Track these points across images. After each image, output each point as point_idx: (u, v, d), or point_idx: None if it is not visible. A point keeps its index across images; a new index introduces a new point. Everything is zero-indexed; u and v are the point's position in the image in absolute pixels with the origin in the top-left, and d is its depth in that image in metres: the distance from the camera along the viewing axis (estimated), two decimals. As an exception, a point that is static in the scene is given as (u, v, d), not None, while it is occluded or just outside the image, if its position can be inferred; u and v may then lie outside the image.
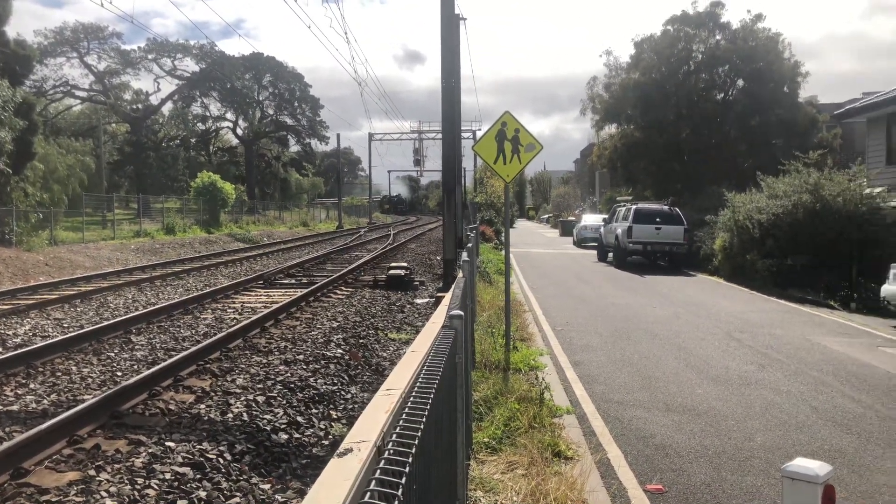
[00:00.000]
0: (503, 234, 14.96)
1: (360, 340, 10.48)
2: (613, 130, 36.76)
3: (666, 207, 24.47)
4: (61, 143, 41.75)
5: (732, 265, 20.51)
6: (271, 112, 72.83)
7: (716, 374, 8.98)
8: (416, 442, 1.86)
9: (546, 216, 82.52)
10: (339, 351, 9.60)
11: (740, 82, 32.08)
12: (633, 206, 24.53)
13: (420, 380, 2.54)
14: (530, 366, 8.87)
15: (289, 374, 8.16)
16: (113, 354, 9.23)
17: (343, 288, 16.43)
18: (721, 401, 7.70)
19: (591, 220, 37.21)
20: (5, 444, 5.42)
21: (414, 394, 2.35)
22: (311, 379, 8.03)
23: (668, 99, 31.57)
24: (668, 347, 10.62)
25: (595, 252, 29.08)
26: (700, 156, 31.63)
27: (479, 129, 58.71)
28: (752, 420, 7.02)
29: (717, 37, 32.21)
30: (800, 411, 7.34)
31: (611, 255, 26.17)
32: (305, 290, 14.66)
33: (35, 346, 9.07)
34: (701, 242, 23.62)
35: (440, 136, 16.98)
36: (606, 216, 29.56)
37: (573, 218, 51.54)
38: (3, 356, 8.45)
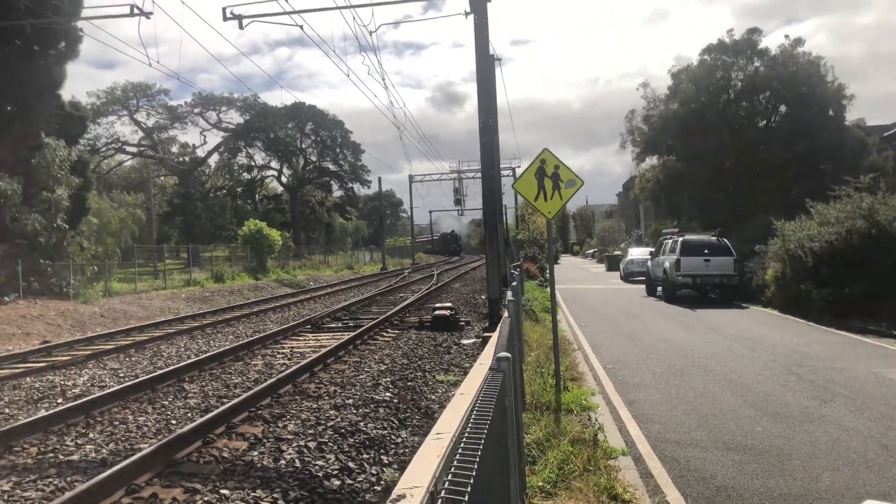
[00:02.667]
0: (548, 271, 14.87)
1: (408, 383, 10.45)
2: (655, 162, 36.56)
3: (714, 238, 24.04)
4: (114, 197, 43.27)
5: (786, 296, 19.94)
6: (314, 159, 74.52)
7: (776, 410, 8.67)
8: (469, 488, 1.83)
9: (591, 251, 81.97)
10: (388, 394, 9.58)
11: (783, 108, 31.68)
12: (680, 238, 24.17)
13: (470, 424, 2.52)
14: (582, 406, 8.71)
15: (339, 419, 8.17)
16: (167, 403, 9.38)
17: (389, 330, 16.48)
18: (783, 439, 7.42)
19: (638, 253, 36.77)
20: (67, 495, 5.52)
21: (465, 438, 2.33)
22: (361, 423, 8.02)
23: (708, 128, 31.30)
24: (724, 383, 10.33)
25: (643, 286, 28.65)
26: (745, 184, 31.14)
27: (519, 166, 58.82)
28: (818, 459, 6.74)
29: (756, 63, 31.96)
30: (868, 449, 7.02)
31: (659, 289, 25.74)
32: (352, 334, 14.74)
33: (93, 396, 9.29)
34: (752, 273, 23.08)
35: (479, 174, 17.09)
36: (653, 249, 29.19)
37: (619, 252, 51.03)
38: (64, 407, 8.67)
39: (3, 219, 22.71)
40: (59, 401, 9.70)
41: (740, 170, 31.36)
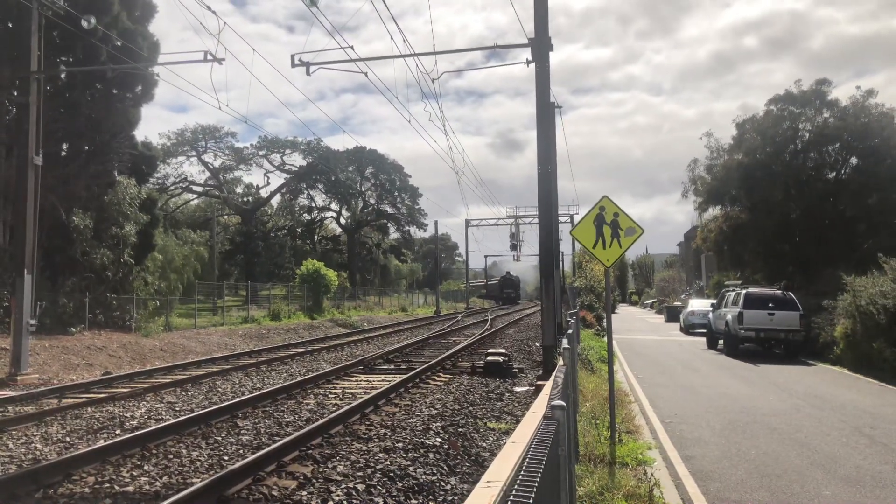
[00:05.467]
0: (605, 320, 14.60)
1: (459, 429, 10.30)
2: (717, 212, 35.89)
3: (779, 292, 23.28)
4: (179, 235, 44.73)
5: (857, 354, 19.06)
6: (373, 202, 75.93)
7: (845, 473, 8.20)
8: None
9: (650, 301, 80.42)
10: (438, 440, 9.46)
11: (853, 160, 30.81)
12: (744, 291, 23.50)
13: (522, 473, 2.44)
14: (638, 460, 8.42)
15: (388, 463, 8.08)
16: (220, 438, 9.47)
17: (441, 374, 16.36)
18: (854, 505, 6.99)
19: (699, 305, 35.88)
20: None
21: (515, 487, 2.26)
22: (411, 468, 7.91)
23: (774, 179, 30.62)
24: (789, 443, 9.85)
25: (703, 339, 27.87)
26: (813, 237, 30.20)
27: (577, 213, 58.56)
28: (893, 528, 6.31)
29: (826, 115, 31.25)
30: (949, 520, 6.55)
31: (721, 342, 25.00)
32: (404, 377, 14.69)
33: (149, 428, 9.45)
34: (819, 329, 22.18)
35: (537, 220, 17.03)
36: (715, 301, 28.46)
37: (679, 303, 49.88)
38: (122, 438, 8.85)
39: (75, 252, 23.68)
40: (118, 432, 9.91)
41: (808, 222, 30.47)
